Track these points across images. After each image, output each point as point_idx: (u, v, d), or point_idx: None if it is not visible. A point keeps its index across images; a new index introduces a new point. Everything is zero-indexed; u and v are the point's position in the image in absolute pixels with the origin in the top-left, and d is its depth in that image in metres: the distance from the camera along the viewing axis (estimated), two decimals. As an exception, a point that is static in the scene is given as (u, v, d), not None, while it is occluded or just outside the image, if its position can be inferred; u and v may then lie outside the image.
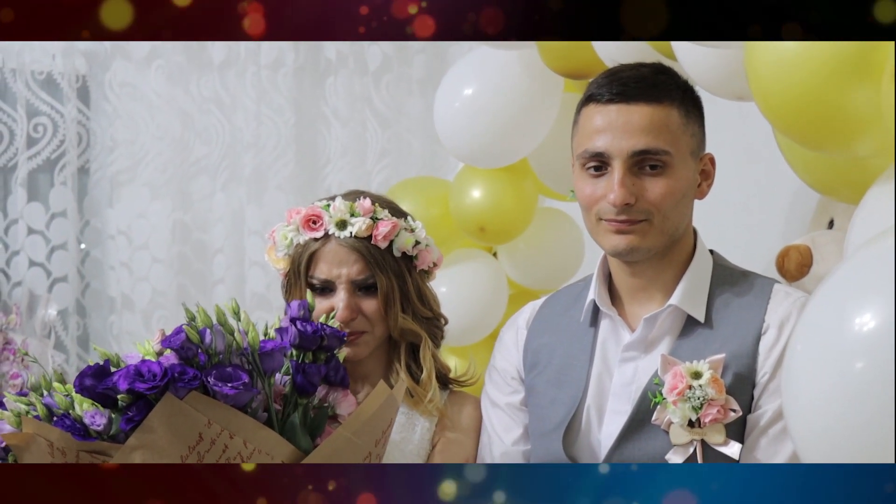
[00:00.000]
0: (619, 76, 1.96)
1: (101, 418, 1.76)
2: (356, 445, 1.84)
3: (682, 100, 1.95)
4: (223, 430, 1.75)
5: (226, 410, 1.76)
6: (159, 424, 1.73)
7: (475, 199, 3.20)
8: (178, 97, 3.96)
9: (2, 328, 3.00)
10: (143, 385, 1.72)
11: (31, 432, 1.79)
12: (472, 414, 2.19)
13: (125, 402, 1.76)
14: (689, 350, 1.95)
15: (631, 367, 2.00)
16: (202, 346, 1.78)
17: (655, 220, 1.94)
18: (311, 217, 2.13)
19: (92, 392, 1.76)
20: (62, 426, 1.77)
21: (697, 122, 1.98)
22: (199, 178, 4.01)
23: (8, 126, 3.78)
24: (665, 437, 1.92)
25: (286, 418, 1.84)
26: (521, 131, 3.05)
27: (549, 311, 2.15)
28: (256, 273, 4.05)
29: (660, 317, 1.98)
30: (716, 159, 2.02)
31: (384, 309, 2.11)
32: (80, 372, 1.77)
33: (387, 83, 4.26)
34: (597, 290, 2.04)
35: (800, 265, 2.51)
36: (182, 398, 1.73)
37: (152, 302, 3.96)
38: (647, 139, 1.91)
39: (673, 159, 1.93)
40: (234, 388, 1.75)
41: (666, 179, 1.93)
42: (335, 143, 4.18)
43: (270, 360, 1.82)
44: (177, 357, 1.77)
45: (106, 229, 3.94)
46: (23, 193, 3.78)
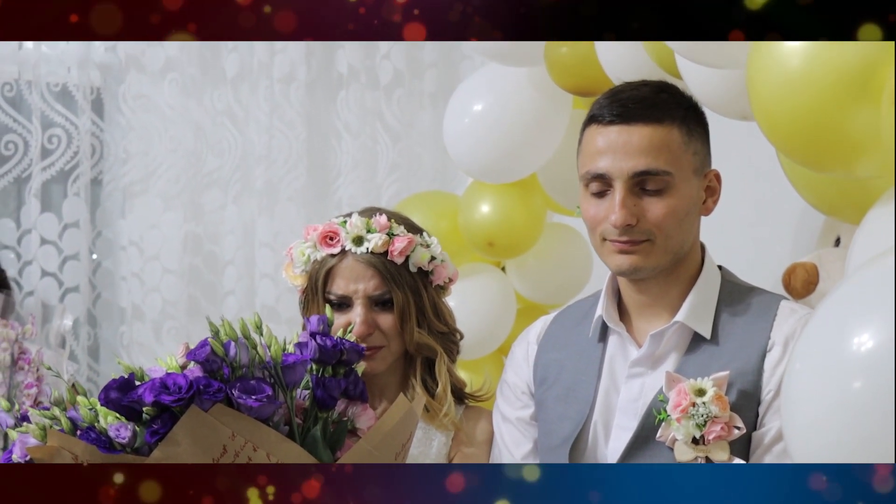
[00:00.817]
0: (619, 97, 1.96)
1: (125, 431, 1.76)
2: (376, 458, 1.85)
3: (685, 118, 1.95)
4: (247, 442, 1.75)
5: (250, 423, 1.76)
6: (184, 436, 1.73)
7: (484, 214, 3.22)
8: (191, 110, 3.99)
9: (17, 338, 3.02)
10: (169, 397, 1.73)
11: (56, 445, 1.78)
12: (486, 428, 2.20)
13: (150, 414, 1.76)
14: (695, 366, 1.95)
15: (638, 382, 2.00)
16: (226, 360, 1.79)
17: (658, 239, 1.94)
18: (328, 234, 2.15)
19: (117, 405, 1.76)
20: (87, 439, 1.77)
21: (700, 139, 1.98)
22: (211, 189, 4.04)
23: (23, 137, 3.82)
24: (670, 454, 1.92)
25: (307, 432, 1.85)
26: (530, 147, 3.07)
27: (559, 326, 2.16)
28: (267, 285, 4.07)
29: (666, 333, 1.99)
30: (723, 176, 2.02)
31: (400, 324, 2.13)
32: (105, 385, 1.77)
33: (398, 97, 4.29)
34: (605, 307, 2.05)
35: (806, 283, 2.52)
36: (207, 410, 1.74)
37: (163, 312, 3.98)
38: (647, 160, 1.92)
39: (674, 179, 1.93)
40: (258, 400, 1.76)
41: (667, 199, 1.93)
42: (346, 156, 4.21)
43: (293, 373, 1.83)
44: (201, 370, 1.78)
45: (118, 240, 3.97)
46: (36, 204, 3.81)
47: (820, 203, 2.23)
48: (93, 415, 1.79)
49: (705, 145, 1.99)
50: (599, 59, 2.58)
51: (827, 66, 1.63)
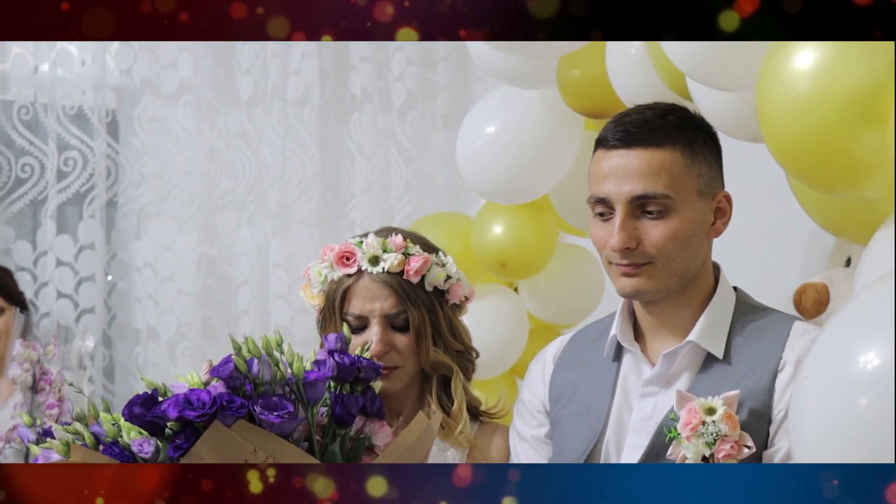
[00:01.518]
0: (623, 121, 1.98)
1: (148, 446, 1.77)
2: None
3: (690, 141, 1.95)
4: (268, 457, 1.77)
5: (271, 438, 1.78)
6: (207, 451, 1.75)
7: (497, 235, 3.24)
8: (205, 132, 4.02)
9: (39, 359, 3.05)
10: (193, 413, 1.74)
11: (78, 461, 1.79)
12: (501, 444, 2.21)
13: (173, 429, 1.77)
14: (707, 386, 1.96)
15: (650, 402, 2.01)
16: (249, 376, 1.80)
17: (659, 262, 1.95)
18: (345, 254, 2.16)
19: (141, 420, 1.77)
20: (110, 454, 1.78)
21: (707, 161, 1.98)
22: (226, 211, 4.07)
23: (39, 160, 3.85)
24: None
25: (325, 448, 1.86)
26: (543, 169, 3.09)
27: (575, 346, 2.18)
28: (281, 306, 4.10)
29: (679, 353, 2.00)
30: (734, 197, 2.02)
31: (416, 343, 2.15)
32: (128, 401, 1.79)
33: (411, 119, 4.32)
34: (619, 326, 2.06)
35: (817, 303, 2.53)
36: (229, 426, 1.75)
37: (177, 333, 4.01)
38: (644, 184, 1.93)
39: (674, 202, 1.93)
40: (280, 416, 1.77)
41: (668, 223, 1.94)
42: (359, 178, 4.23)
43: (314, 389, 1.84)
44: (224, 386, 1.80)
45: (133, 262, 4.00)
46: (52, 226, 3.85)
47: (829, 224, 2.24)
48: (116, 430, 1.81)
49: (712, 167, 1.99)
50: (611, 82, 2.60)
51: (834, 88, 1.64)
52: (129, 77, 3.96)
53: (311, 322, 3.78)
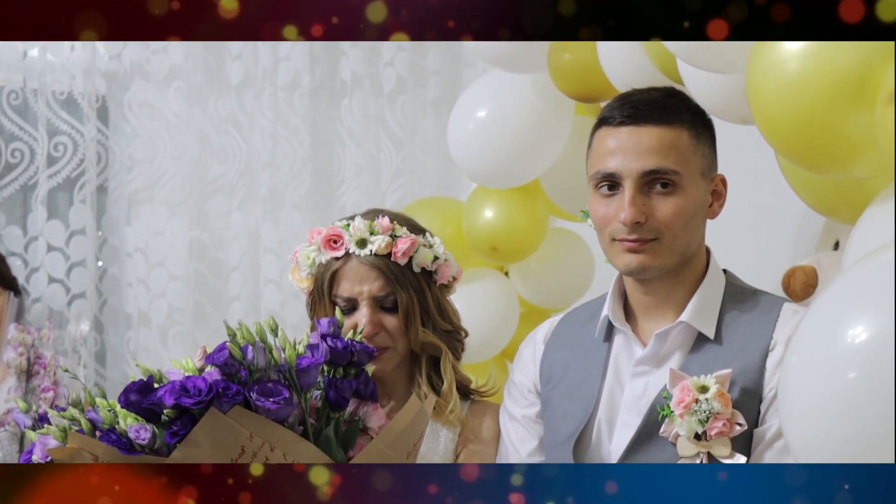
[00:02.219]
0: (631, 99, 2.01)
1: (145, 433, 1.79)
2: (389, 457, 1.88)
3: (693, 122, 1.99)
4: (264, 442, 1.79)
5: (267, 424, 1.79)
6: (204, 438, 1.76)
7: (488, 219, 3.25)
8: (195, 117, 4.02)
9: (33, 343, 3.06)
10: (189, 400, 1.76)
11: (76, 447, 1.80)
12: (492, 426, 2.23)
13: (170, 416, 1.79)
14: (698, 365, 1.98)
15: (642, 381, 2.04)
16: (244, 363, 1.82)
17: (665, 238, 1.98)
18: (332, 237, 2.18)
19: (137, 407, 1.79)
20: (107, 441, 1.80)
21: (707, 143, 2.02)
22: (216, 196, 4.07)
23: (29, 145, 3.85)
24: (672, 450, 1.96)
25: (319, 432, 1.88)
26: (534, 153, 3.10)
27: (565, 327, 2.19)
28: (272, 290, 4.10)
29: (671, 333, 2.02)
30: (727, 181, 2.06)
31: (405, 324, 2.16)
32: (124, 388, 1.80)
33: (401, 105, 4.32)
34: (611, 307, 2.08)
35: (805, 285, 2.55)
36: (226, 412, 1.77)
37: (169, 318, 4.01)
38: (656, 159, 1.96)
39: (682, 179, 1.97)
40: (276, 402, 1.79)
41: (676, 199, 1.97)
42: (350, 163, 4.24)
43: (307, 375, 1.86)
44: (220, 373, 1.81)
45: (123, 247, 4.00)
46: (43, 211, 3.85)
47: (818, 204, 2.26)
48: (112, 416, 1.82)
49: (712, 150, 2.03)
50: (602, 65, 2.60)
51: (824, 68, 1.66)
52: (119, 62, 3.95)
53: (301, 306, 3.77)
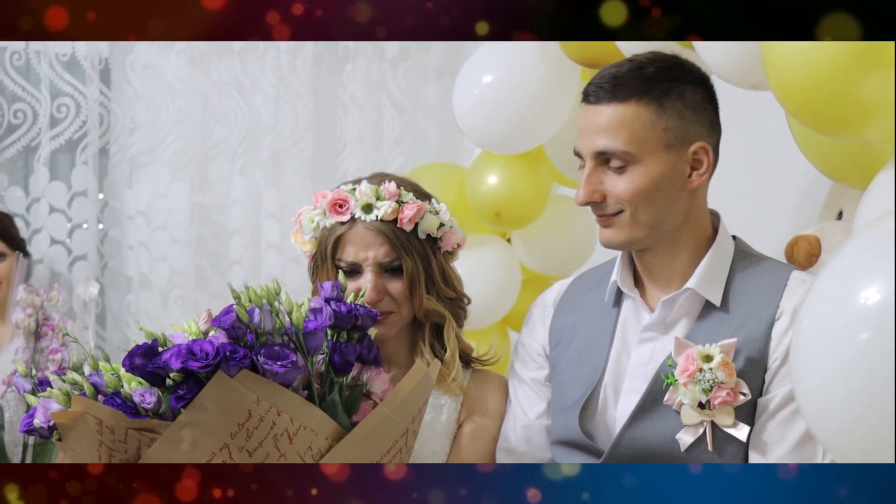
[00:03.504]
0: (601, 74, 2.00)
1: (150, 397, 1.78)
2: (394, 422, 1.88)
3: (662, 93, 1.95)
4: (271, 407, 1.78)
5: (274, 388, 1.79)
6: (210, 402, 1.76)
7: (491, 186, 3.24)
8: (198, 80, 4.02)
9: (42, 304, 3.05)
10: (196, 363, 1.75)
11: (80, 410, 1.79)
12: (498, 399, 2.22)
13: (176, 380, 1.79)
14: (705, 332, 1.98)
15: (649, 347, 2.04)
16: (251, 326, 1.81)
17: (627, 214, 1.98)
18: (338, 201, 2.16)
19: (142, 371, 1.79)
20: (112, 404, 1.79)
21: (679, 113, 1.97)
22: (218, 160, 4.07)
23: (32, 106, 3.84)
24: (676, 418, 1.96)
25: (323, 396, 1.88)
26: (538, 119, 3.08)
27: (575, 290, 2.20)
28: (273, 255, 4.11)
29: (678, 299, 2.02)
30: (727, 150, 2.03)
31: (409, 291, 2.15)
32: (129, 351, 1.80)
33: (404, 71, 4.31)
34: (619, 273, 2.08)
35: (808, 254, 2.54)
36: (233, 376, 1.76)
37: (170, 282, 4.02)
38: (604, 139, 1.96)
39: (634, 157, 1.95)
40: (283, 366, 1.79)
41: (630, 176, 1.96)
42: (352, 128, 4.23)
43: (313, 338, 1.85)
44: (226, 336, 1.81)
45: (125, 209, 4.01)
46: (45, 173, 3.85)
47: (829, 169, 2.26)
48: (116, 380, 1.81)
49: (686, 119, 1.97)
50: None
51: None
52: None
53: (302, 271, 3.77)
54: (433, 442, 2.15)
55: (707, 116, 2.00)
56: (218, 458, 1.79)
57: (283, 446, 1.81)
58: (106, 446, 1.80)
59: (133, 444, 1.80)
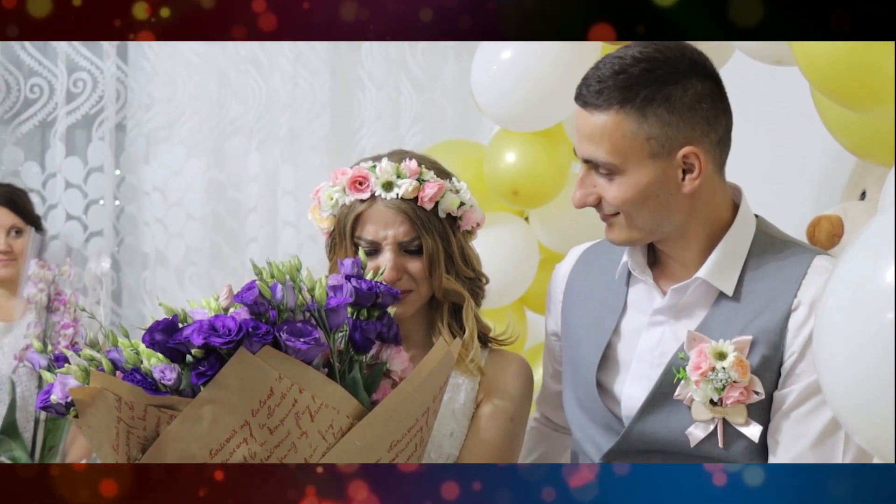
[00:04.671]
0: (589, 75, 1.94)
1: (171, 373, 1.77)
2: (416, 401, 1.87)
3: (645, 99, 1.87)
4: (293, 384, 1.76)
5: (297, 365, 1.77)
6: (232, 378, 1.74)
7: (509, 163, 3.22)
8: (215, 57, 3.99)
9: (54, 279, 3.05)
10: (219, 339, 1.73)
11: (98, 387, 1.77)
12: (519, 383, 2.20)
13: (197, 356, 1.76)
14: (719, 322, 1.94)
15: (658, 331, 2.01)
16: (273, 302, 1.79)
17: (622, 216, 1.94)
18: (358, 178, 2.13)
19: (163, 346, 1.76)
20: (132, 381, 1.77)
21: (663, 120, 1.88)
22: (235, 137, 4.05)
23: (48, 81, 3.83)
24: (687, 412, 1.93)
25: (342, 374, 1.86)
26: (557, 95, 3.05)
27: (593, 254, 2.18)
28: (289, 233, 4.10)
29: (689, 288, 1.98)
30: (748, 130, 1.99)
31: (429, 270, 2.12)
32: (149, 327, 1.78)
33: (422, 49, 4.28)
34: (631, 253, 2.04)
35: (831, 235, 2.52)
36: (255, 353, 1.74)
37: (185, 259, 4.01)
38: (590, 148, 1.91)
39: (618, 167, 1.90)
40: (306, 343, 1.77)
41: (616, 185, 1.91)
42: (370, 106, 4.21)
43: (336, 316, 1.83)
44: (248, 312, 1.78)
45: (141, 186, 3.99)
46: (61, 148, 3.84)
47: (853, 145, 2.23)
48: (136, 356, 1.80)
49: (670, 126, 1.88)
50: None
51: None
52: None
53: (319, 249, 3.77)
54: (451, 422, 2.13)
55: (701, 115, 1.89)
56: (238, 435, 1.77)
57: (305, 424, 1.79)
58: (124, 423, 1.78)
59: (152, 421, 1.78)
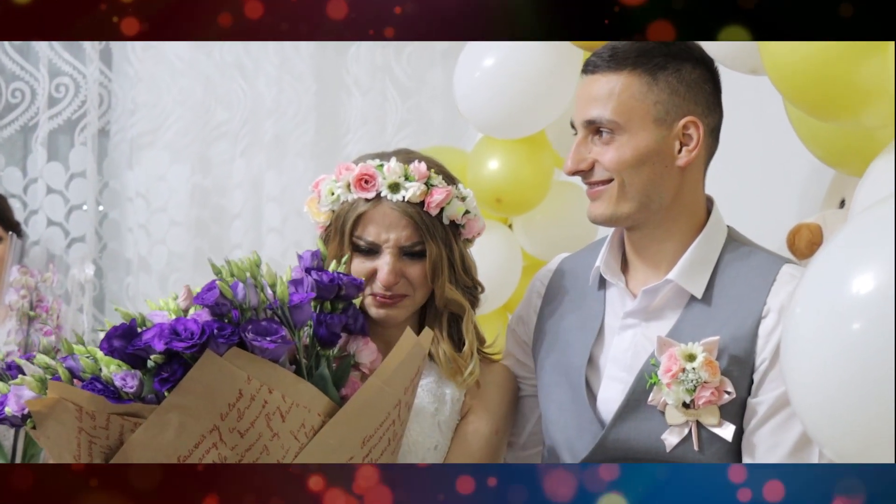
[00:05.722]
0: (600, 49, 1.98)
1: (132, 380, 1.72)
2: (387, 393, 1.83)
3: (656, 66, 1.93)
4: (262, 384, 1.73)
5: (264, 365, 1.73)
6: (199, 383, 1.70)
7: (492, 171, 3.21)
8: (200, 61, 3.98)
9: (36, 285, 3.02)
10: (182, 344, 1.68)
11: (56, 397, 1.72)
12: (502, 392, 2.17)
13: (157, 362, 1.72)
14: (690, 325, 1.94)
15: (630, 333, 2.01)
16: (235, 302, 1.74)
17: (616, 183, 1.94)
18: (364, 176, 2.06)
19: (122, 353, 1.72)
20: (93, 390, 1.72)
21: (672, 89, 1.93)
22: (220, 143, 4.04)
23: (30, 85, 3.81)
24: (661, 418, 1.92)
25: (310, 371, 1.82)
26: (540, 102, 3.05)
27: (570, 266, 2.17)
28: (274, 239, 4.08)
29: (659, 290, 1.98)
30: (731, 138, 2.00)
31: (431, 277, 2.07)
32: (105, 334, 1.73)
33: (408, 54, 4.27)
34: (605, 258, 2.04)
35: (810, 243, 2.51)
36: (221, 355, 1.70)
37: (169, 265, 3.99)
38: (595, 108, 1.94)
39: (621, 127, 1.93)
40: (273, 341, 1.73)
41: (617, 146, 1.93)
42: (355, 111, 4.19)
43: (300, 312, 1.79)
44: (209, 313, 1.74)
45: (125, 191, 3.98)
46: (43, 153, 3.82)
47: (827, 156, 2.23)
48: (93, 364, 1.75)
49: (678, 95, 1.94)
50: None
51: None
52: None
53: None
54: (437, 435, 2.09)
55: (704, 96, 1.95)
56: (207, 440, 1.73)
57: (276, 425, 1.75)
58: (86, 433, 1.74)
59: (115, 430, 1.74)
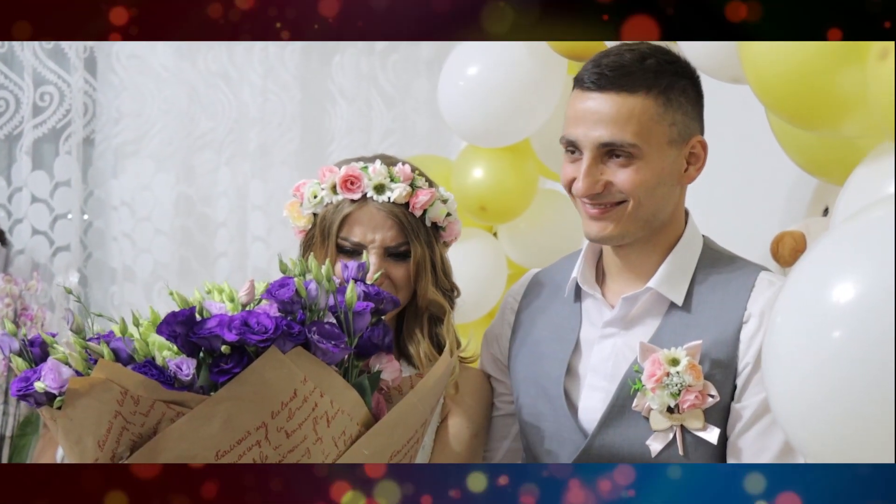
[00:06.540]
0: (601, 62, 1.94)
1: (188, 367, 1.68)
2: (419, 411, 1.84)
3: (668, 87, 1.92)
4: (316, 387, 1.71)
5: (322, 368, 1.72)
6: (257, 377, 1.67)
7: (477, 179, 3.22)
8: (185, 71, 3.97)
9: (21, 294, 3.01)
10: (255, 337, 1.66)
11: (103, 377, 1.65)
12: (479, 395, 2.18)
13: (221, 352, 1.69)
14: (670, 333, 1.95)
15: (609, 343, 2.01)
16: (306, 301, 1.73)
17: (629, 206, 1.93)
18: (350, 178, 2.09)
19: (185, 339, 1.68)
20: (146, 374, 1.67)
21: (682, 109, 1.94)
22: (204, 151, 4.03)
23: (14, 94, 3.80)
24: (645, 424, 1.93)
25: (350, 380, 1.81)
26: (524, 111, 3.06)
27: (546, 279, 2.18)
28: (259, 248, 4.07)
29: (639, 298, 1.99)
30: (714, 146, 2.00)
31: (415, 278, 2.09)
32: (164, 318, 1.69)
33: (393, 63, 4.27)
34: (581, 269, 2.05)
35: (793, 250, 2.53)
36: (285, 352, 1.69)
37: (154, 274, 3.98)
38: (612, 131, 1.90)
39: (641, 150, 1.91)
40: (336, 346, 1.72)
41: (634, 170, 1.92)
42: (340, 120, 4.19)
43: (361, 319, 1.78)
44: (278, 309, 1.72)
45: (109, 200, 3.96)
46: (27, 162, 3.80)
47: (808, 164, 2.24)
48: (146, 347, 1.70)
49: (688, 115, 1.95)
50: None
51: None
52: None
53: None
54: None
55: (699, 111, 1.98)
56: (252, 437, 1.70)
57: (322, 429, 1.74)
58: (122, 418, 1.68)
59: (155, 417, 1.68)
